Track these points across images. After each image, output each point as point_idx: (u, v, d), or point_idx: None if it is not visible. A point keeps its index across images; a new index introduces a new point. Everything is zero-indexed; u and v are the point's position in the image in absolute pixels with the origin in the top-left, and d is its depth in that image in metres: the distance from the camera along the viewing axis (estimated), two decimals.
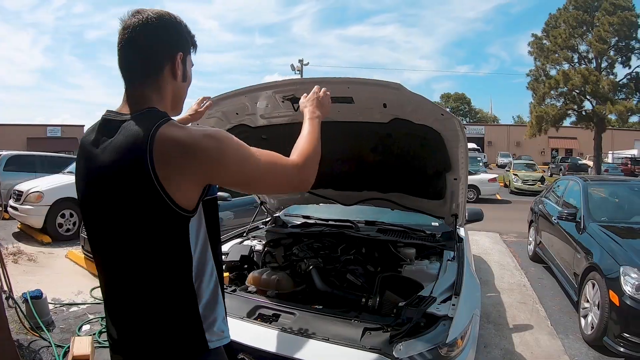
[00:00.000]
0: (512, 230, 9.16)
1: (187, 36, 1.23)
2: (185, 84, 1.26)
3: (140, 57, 1.15)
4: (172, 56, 1.18)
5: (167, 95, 1.20)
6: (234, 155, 1.12)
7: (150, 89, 1.16)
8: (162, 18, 1.16)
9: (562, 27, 25.35)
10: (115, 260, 1.16)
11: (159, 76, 1.17)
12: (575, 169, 25.42)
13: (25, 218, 7.85)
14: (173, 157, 1.04)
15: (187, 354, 1.16)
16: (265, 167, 1.18)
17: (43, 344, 3.61)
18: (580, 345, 3.83)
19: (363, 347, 1.88)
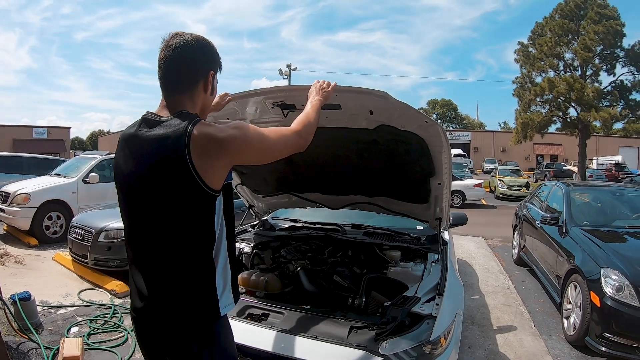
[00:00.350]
0: (497, 235, 9.30)
1: (217, 57, 1.47)
2: (213, 97, 1.52)
3: (180, 73, 1.39)
4: (206, 74, 1.43)
5: (198, 104, 1.44)
6: (255, 137, 1.38)
7: (186, 98, 1.40)
8: (200, 42, 1.40)
9: (548, 35, 25.76)
10: (152, 233, 1.37)
11: (194, 89, 1.41)
12: (560, 174, 25.84)
13: (12, 220, 7.78)
14: (208, 149, 1.27)
15: (204, 321, 1.37)
16: (276, 139, 1.45)
17: (32, 345, 3.60)
18: (563, 345, 3.94)
19: (350, 344, 1.95)
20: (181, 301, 1.36)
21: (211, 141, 1.28)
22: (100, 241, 5.48)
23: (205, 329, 1.38)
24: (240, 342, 1.99)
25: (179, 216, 1.32)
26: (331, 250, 3.22)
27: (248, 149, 1.37)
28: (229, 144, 1.31)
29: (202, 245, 1.35)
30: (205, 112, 1.54)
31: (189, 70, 1.39)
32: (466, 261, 6.92)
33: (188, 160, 1.25)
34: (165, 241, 1.35)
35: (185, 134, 1.26)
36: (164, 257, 1.36)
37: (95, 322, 4.21)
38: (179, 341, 1.36)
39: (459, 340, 2.29)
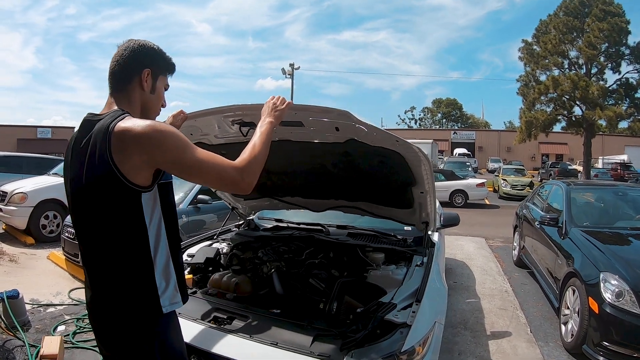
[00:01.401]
0: (498, 235, 9.17)
1: (158, 58, 1.53)
2: (154, 96, 1.54)
3: (118, 72, 1.47)
4: (140, 71, 1.48)
5: (135, 102, 1.49)
6: (173, 143, 1.33)
7: (122, 95, 1.48)
8: (141, 44, 1.49)
9: (552, 33, 25.53)
10: (90, 231, 1.43)
11: (129, 86, 1.48)
12: (565, 174, 25.57)
13: (9, 219, 7.80)
14: (125, 143, 1.29)
15: (144, 317, 1.40)
16: (205, 161, 1.36)
17: (17, 343, 3.60)
18: (560, 353, 3.79)
19: (311, 353, 1.85)
20: (119, 297, 1.40)
21: (127, 135, 1.30)
22: None
23: (145, 326, 1.40)
24: (196, 345, 1.94)
25: (107, 212, 1.36)
26: (312, 252, 3.14)
27: (161, 152, 1.33)
28: (141, 139, 1.30)
29: (133, 242, 1.38)
30: (149, 112, 1.55)
31: (125, 68, 1.47)
32: (464, 262, 6.82)
33: (108, 154, 1.29)
34: (100, 238, 1.41)
35: (108, 129, 1.32)
36: (101, 253, 1.42)
37: (82, 320, 4.17)
38: (120, 336, 1.41)
39: (438, 349, 2.17)
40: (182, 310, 1.93)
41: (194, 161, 1.35)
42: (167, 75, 1.59)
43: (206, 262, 3.00)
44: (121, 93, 1.47)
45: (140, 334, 1.39)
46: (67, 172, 1.49)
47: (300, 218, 3.93)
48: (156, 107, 1.58)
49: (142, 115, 1.50)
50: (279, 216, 4.07)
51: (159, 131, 1.32)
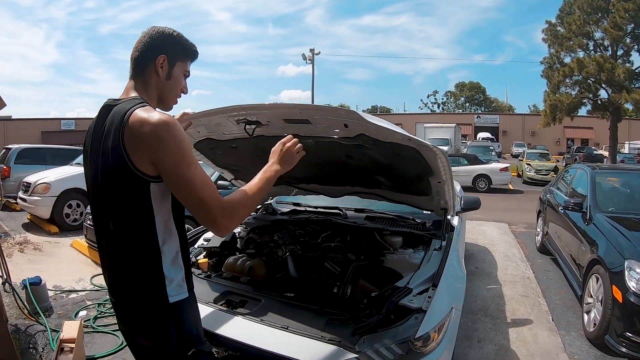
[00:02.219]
0: (522, 221, 9.00)
1: (175, 45, 1.52)
2: (170, 82, 1.53)
3: (136, 58, 1.48)
4: (155, 56, 1.48)
5: (151, 88, 1.50)
6: (175, 150, 1.31)
7: (139, 81, 1.49)
8: (160, 30, 1.50)
9: (576, 14, 24.60)
10: (102, 217, 1.45)
11: (145, 72, 1.49)
12: (590, 159, 24.85)
13: (33, 209, 8.00)
14: (134, 134, 1.30)
15: (151, 305, 1.41)
16: (196, 182, 1.33)
17: (40, 328, 3.68)
18: (581, 342, 3.68)
19: (322, 337, 1.82)
20: (131, 282, 1.43)
21: (138, 127, 1.31)
22: None
23: (160, 303, 1.41)
24: (207, 328, 1.92)
25: (118, 199, 1.38)
26: (329, 235, 3.12)
27: (163, 155, 1.31)
28: (149, 136, 1.30)
29: (141, 231, 1.39)
30: (165, 97, 1.55)
31: (142, 54, 1.48)
32: (486, 248, 6.71)
33: (121, 142, 1.31)
34: (112, 222, 1.42)
35: (123, 118, 1.33)
36: (113, 238, 1.44)
37: (103, 306, 4.27)
38: (136, 313, 1.44)
39: (455, 336, 2.12)
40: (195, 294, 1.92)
41: (187, 177, 1.32)
42: (186, 62, 1.57)
43: (222, 245, 3.01)
44: (139, 78, 1.49)
45: (156, 310, 1.41)
46: (86, 158, 1.52)
47: (318, 202, 3.92)
48: (172, 94, 1.56)
49: (159, 101, 1.53)
50: (296, 200, 4.05)
51: (167, 132, 1.31)
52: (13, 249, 6.20)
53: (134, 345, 1.57)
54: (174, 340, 1.41)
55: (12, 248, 6.21)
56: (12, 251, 6.07)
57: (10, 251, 6.04)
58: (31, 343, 3.43)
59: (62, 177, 8.14)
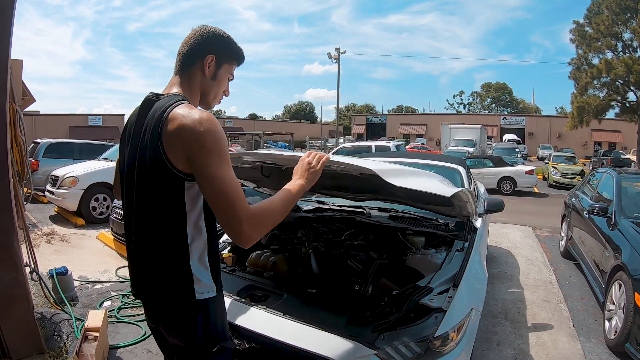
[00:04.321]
0: (546, 225, 8.85)
1: (224, 46, 1.51)
2: (214, 83, 1.52)
3: (183, 54, 1.48)
4: (204, 56, 1.47)
5: (195, 86, 1.49)
6: (212, 147, 1.28)
7: (184, 78, 1.48)
8: (211, 29, 1.50)
9: (604, 14, 23.97)
10: (136, 214, 1.44)
11: (191, 70, 1.48)
12: (617, 163, 24.21)
13: (61, 202, 8.21)
14: (172, 131, 1.30)
15: (178, 301, 1.40)
16: (227, 184, 1.28)
17: (65, 317, 3.79)
18: (601, 350, 3.61)
19: (343, 333, 1.84)
20: (157, 280, 1.43)
21: (177, 124, 1.30)
22: None
23: (182, 311, 1.41)
24: (230, 321, 1.95)
25: (151, 194, 1.38)
26: (352, 234, 3.13)
27: (198, 151, 1.28)
28: (187, 132, 1.29)
29: (171, 228, 1.38)
30: (207, 97, 1.54)
31: (191, 51, 1.47)
32: (509, 251, 6.62)
33: (159, 138, 1.31)
34: (143, 216, 1.42)
35: (163, 114, 1.33)
36: (141, 233, 1.44)
37: (127, 297, 4.37)
38: (164, 307, 1.45)
39: (474, 337, 2.12)
40: None
41: (218, 176, 1.28)
42: (232, 65, 1.56)
43: None
44: (184, 75, 1.48)
45: (183, 306, 1.41)
46: (123, 150, 1.52)
47: (342, 200, 3.94)
48: (215, 94, 1.56)
49: (201, 100, 1.53)
50: (321, 198, 4.08)
51: (206, 129, 1.29)
52: (40, 239, 6.39)
53: (161, 341, 1.58)
54: (199, 336, 1.41)
55: (39, 239, 6.40)
56: (39, 242, 6.26)
57: (38, 242, 6.23)
58: (56, 331, 3.54)
59: (90, 172, 8.34)
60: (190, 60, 1.47)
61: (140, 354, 3.32)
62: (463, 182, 3.99)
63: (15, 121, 3.36)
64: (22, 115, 3.51)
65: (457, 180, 4.05)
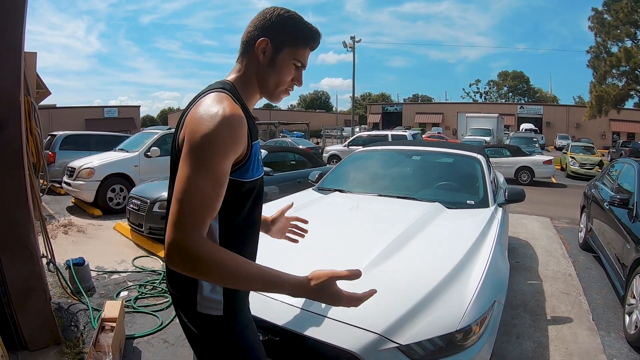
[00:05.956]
0: (564, 216, 8.72)
1: (285, 29, 1.32)
2: (272, 70, 1.33)
3: (243, 37, 1.35)
4: (257, 38, 1.31)
5: (249, 72, 1.34)
6: (200, 139, 1.10)
7: (238, 63, 1.36)
8: (268, 9, 1.34)
9: (624, 1, 23.42)
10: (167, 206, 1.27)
11: (247, 54, 1.34)
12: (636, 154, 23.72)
13: (78, 193, 8.31)
14: (187, 120, 1.19)
15: (185, 305, 1.30)
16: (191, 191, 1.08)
17: (82, 307, 3.83)
18: (621, 344, 3.52)
19: (363, 326, 1.79)
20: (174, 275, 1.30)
21: (193, 112, 1.18)
22: (154, 211, 5.72)
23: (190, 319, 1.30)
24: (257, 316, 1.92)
25: (172, 180, 1.25)
26: None
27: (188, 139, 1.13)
28: (192, 121, 1.15)
29: None
30: (266, 86, 1.35)
31: (248, 34, 1.34)
32: (528, 242, 6.53)
33: (180, 127, 1.22)
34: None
35: (194, 101, 1.24)
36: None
37: (144, 287, 4.41)
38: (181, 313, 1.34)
39: (496, 330, 2.06)
40: None
41: (185, 176, 1.09)
42: (297, 50, 1.34)
43: None
44: (240, 59, 1.35)
45: (189, 313, 1.31)
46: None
47: (362, 189, 3.93)
48: (277, 83, 1.35)
49: (263, 90, 1.37)
50: (341, 187, 4.04)
51: (209, 127, 1.11)
52: (57, 230, 6.46)
53: (186, 334, 1.38)
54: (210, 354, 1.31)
55: (56, 230, 6.47)
56: (56, 233, 6.33)
57: (55, 233, 6.30)
58: (73, 321, 3.58)
59: (106, 163, 8.43)
60: (247, 45, 1.33)
61: (157, 344, 3.34)
62: (483, 171, 3.91)
63: (30, 113, 3.37)
64: (37, 108, 3.52)
65: (477, 169, 3.97)
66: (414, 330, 1.74)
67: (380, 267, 2.15)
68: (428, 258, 2.35)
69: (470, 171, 4.01)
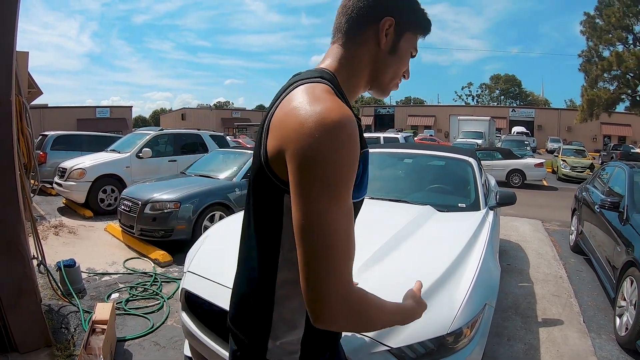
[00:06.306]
0: (555, 219, 8.79)
1: (410, 9, 1.07)
2: (394, 58, 1.07)
3: (345, 15, 1.04)
4: (378, 18, 1.02)
5: (361, 61, 1.05)
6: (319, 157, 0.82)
7: (344, 49, 1.04)
8: None
9: (616, 6, 23.65)
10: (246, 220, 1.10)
11: (357, 37, 1.04)
12: (627, 157, 23.94)
13: (69, 194, 8.24)
14: (279, 116, 0.92)
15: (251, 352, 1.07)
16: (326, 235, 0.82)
17: (72, 309, 3.80)
18: (612, 346, 3.55)
19: None
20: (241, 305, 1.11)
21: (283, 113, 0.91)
22: (146, 212, 5.69)
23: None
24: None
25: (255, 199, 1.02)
26: None
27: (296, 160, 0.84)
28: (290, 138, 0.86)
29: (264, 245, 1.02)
30: (380, 78, 1.09)
31: (357, 12, 1.02)
32: (519, 245, 6.57)
33: (266, 126, 0.95)
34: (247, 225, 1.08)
35: (280, 96, 0.97)
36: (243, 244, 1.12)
37: (135, 289, 4.39)
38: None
39: (487, 333, 2.08)
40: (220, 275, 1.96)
41: (308, 218, 0.82)
42: (416, 35, 1.10)
43: None
44: (347, 44, 1.04)
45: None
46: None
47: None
48: (394, 75, 1.10)
49: (374, 83, 1.10)
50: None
51: (321, 130, 0.82)
52: (48, 231, 6.41)
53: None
54: None
55: (47, 231, 6.42)
56: (47, 234, 6.28)
57: (46, 234, 6.24)
58: (63, 323, 3.55)
59: (97, 163, 8.37)
60: (356, 25, 1.03)
61: (148, 346, 3.32)
62: (475, 174, 3.92)
63: (21, 113, 3.34)
64: (28, 108, 3.49)
65: (469, 172, 3.99)
66: (405, 333, 1.74)
67: (371, 271, 2.15)
68: (419, 261, 2.35)
69: (462, 174, 4.03)
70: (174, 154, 9.45)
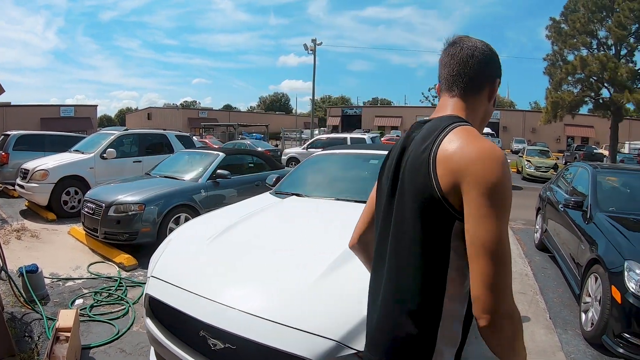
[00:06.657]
0: (520, 217, 8.99)
1: (500, 67, 1.29)
2: (492, 109, 1.32)
3: (465, 78, 1.22)
4: (493, 80, 1.26)
5: (477, 113, 1.26)
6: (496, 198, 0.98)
7: (465, 102, 1.23)
8: (490, 47, 1.26)
9: (581, 12, 24.41)
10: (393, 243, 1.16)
11: (477, 94, 1.24)
12: (590, 157, 24.89)
13: (31, 196, 7.98)
14: (445, 158, 1.05)
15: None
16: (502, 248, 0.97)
17: (36, 316, 3.67)
18: (578, 342, 3.66)
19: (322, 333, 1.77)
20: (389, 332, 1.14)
21: (456, 147, 1.05)
22: (110, 215, 5.55)
23: None
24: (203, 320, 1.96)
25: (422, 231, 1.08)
26: None
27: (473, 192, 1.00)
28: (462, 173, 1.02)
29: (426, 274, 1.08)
30: (484, 124, 1.32)
31: (476, 73, 1.22)
32: None
33: (431, 159, 1.07)
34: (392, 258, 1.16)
35: (441, 132, 1.10)
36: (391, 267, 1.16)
37: (99, 294, 4.27)
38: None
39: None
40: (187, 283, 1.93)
41: (493, 235, 0.96)
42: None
43: None
44: (464, 99, 1.23)
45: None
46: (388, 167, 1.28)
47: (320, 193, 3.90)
48: (489, 120, 1.34)
49: (478, 128, 1.24)
50: (297, 191, 4.02)
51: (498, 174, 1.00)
52: (10, 235, 6.17)
53: None
54: None
55: (9, 235, 6.18)
56: (9, 238, 6.04)
57: (7, 238, 6.01)
58: (27, 332, 3.43)
59: (61, 164, 8.11)
60: (476, 84, 1.22)
61: (113, 353, 3.23)
62: None
63: None
64: None
65: None
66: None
67: (337, 273, 2.14)
68: None
69: None
70: (139, 155, 9.23)
